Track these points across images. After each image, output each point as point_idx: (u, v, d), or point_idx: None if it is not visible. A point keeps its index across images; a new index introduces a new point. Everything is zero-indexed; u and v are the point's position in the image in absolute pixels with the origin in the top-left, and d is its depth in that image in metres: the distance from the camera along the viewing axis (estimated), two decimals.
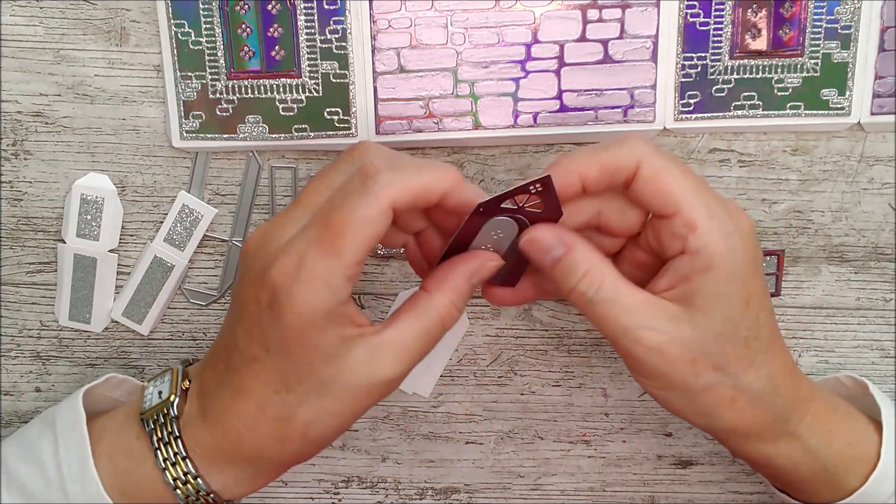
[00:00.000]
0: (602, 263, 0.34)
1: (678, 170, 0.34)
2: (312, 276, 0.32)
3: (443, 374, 0.47)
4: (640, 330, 0.33)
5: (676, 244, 0.34)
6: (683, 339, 0.33)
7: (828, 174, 0.44)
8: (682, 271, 0.34)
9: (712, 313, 0.33)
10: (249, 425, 0.34)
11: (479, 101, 0.42)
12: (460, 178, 0.33)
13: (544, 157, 0.43)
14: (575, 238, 0.35)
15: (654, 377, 0.35)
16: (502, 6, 0.41)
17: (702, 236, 0.33)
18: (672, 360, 0.34)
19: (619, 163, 0.34)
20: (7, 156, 0.43)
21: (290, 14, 0.41)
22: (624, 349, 0.34)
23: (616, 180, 0.34)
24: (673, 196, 0.33)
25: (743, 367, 0.34)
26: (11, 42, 0.42)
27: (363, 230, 0.31)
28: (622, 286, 0.34)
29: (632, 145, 0.34)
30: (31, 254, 0.45)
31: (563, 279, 0.35)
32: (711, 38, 0.41)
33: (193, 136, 0.42)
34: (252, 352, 0.34)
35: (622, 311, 0.34)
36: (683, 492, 0.48)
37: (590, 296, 0.34)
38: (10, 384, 0.47)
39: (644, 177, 0.34)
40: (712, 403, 0.35)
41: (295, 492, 0.48)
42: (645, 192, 0.34)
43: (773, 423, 0.36)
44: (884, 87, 0.41)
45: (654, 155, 0.34)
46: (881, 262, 0.45)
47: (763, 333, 0.35)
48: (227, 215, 0.44)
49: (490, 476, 0.48)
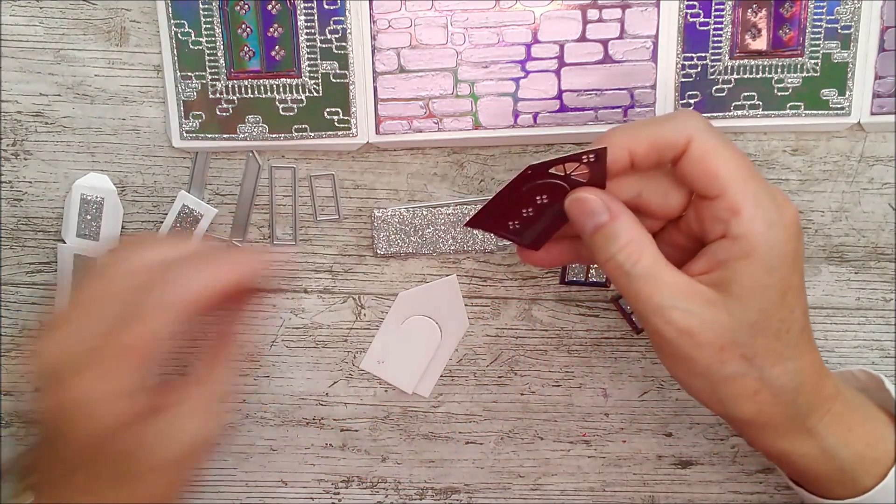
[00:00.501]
0: (644, 237, 0.34)
1: (729, 151, 0.33)
2: (92, 402, 0.33)
3: (443, 374, 0.47)
4: (674, 310, 0.33)
5: (718, 228, 0.33)
6: (715, 325, 0.33)
7: (828, 174, 0.44)
8: (720, 256, 0.33)
9: (748, 303, 0.33)
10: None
11: (479, 101, 0.42)
12: (248, 266, 0.35)
13: (544, 157, 0.43)
14: (621, 206, 0.34)
15: (680, 360, 0.34)
16: (502, 6, 0.41)
17: (745, 222, 0.32)
18: (701, 345, 0.33)
19: (670, 139, 0.33)
20: (7, 156, 0.43)
21: (290, 14, 0.41)
22: (654, 327, 0.34)
23: (665, 157, 0.34)
24: (720, 178, 0.33)
25: (770, 360, 0.34)
26: (11, 42, 0.42)
27: (150, 349, 0.33)
28: (661, 263, 0.33)
29: (685, 121, 0.33)
30: (31, 254, 0.45)
31: (602, 247, 0.34)
32: (711, 38, 0.41)
33: (193, 136, 0.42)
34: (71, 462, 0.34)
35: (658, 289, 0.33)
36: (683, 492, 0.48)
37: (627, 268, 0.33)
38: (10, 384, 0.47)
39: (693, 155, 0.33)
40: (734, 393, 0.34)
41: (295, 492, 0.48)
42: (692, 171, 0.33)
43: (793, 420, 0.35)
44: (884, 87, 0.41)
45: (705, 133, 0.33)
46: (881, 262, 0.45)
47: (795, 328, 0.34)
48: (227, 215, 0.44)
49: (490, 476, 0.48)
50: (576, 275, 0.45)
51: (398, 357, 0.46)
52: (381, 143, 0.42)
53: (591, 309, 0.46)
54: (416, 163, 0.44)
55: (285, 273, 0.40)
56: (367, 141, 0.42)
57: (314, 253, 0.45)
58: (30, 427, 0.36)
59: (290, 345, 0.46)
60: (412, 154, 0.44)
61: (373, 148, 0.43)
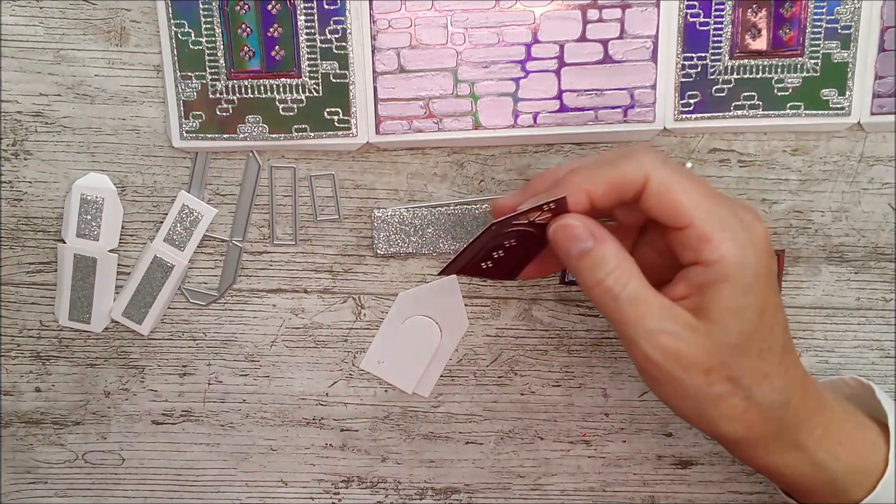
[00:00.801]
0: (630, 262, 0.34)
1: (687, 181, 0.33)
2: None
3: (443, 374, 0.47)
4: (662, 334, 0.33)
5: (690, 255, 0.34)
6: (700, 348, 0.33)
7: (828, 174, 0.44)
8: (696, 281, 0.34)
9: (728, 326, 0.33)
10: None
11: (479, 101, 0.42)
12: None
13: (544, 157, 0.44)
14: (604, 231, 0.35)
15: (667, 383, 0.34)
16: (502, 6, 0.41)
17: (715, 248, 0.33)
18: (688, 367, 0.33)
19: (627, 178, 0.34)
20: (7, 156, 0.43)
21: (290, 14, 0.41)
22: (642, 352, 0.34)
23: (625, 195, 0.34)
24: (683, 210, 0.33)
25: (756, 380, 0.34)
26: (11, 42, 0.42)
27: None
28: (647, 288, 0.34)
29: (639, 159, 0.34)
30: (31, 254, 0.45)
31: (589, 272, 0.34)
32: (711, 38, 0.41)
33: (193, 136, 0.42)
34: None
35: (646, 312, 0.33)
36: (683, 492, 0.48)
37: (615, 292, 0.34)
38: (10, 384, 0.47)
39: (653, 191, 0.33)
40: (722, 413, 0.34)
41: (295, 492, 0.48)
42: (655, 207, 0.34)
43: (782, 435, 0.35)
44: (884, 87, 0.41)
45: (661, 168, 0.33)
46: (881, 262, 0.45)
47: (777, 346, 0.35)
48: (227, 215, 0.44)
49: (490, 476, 0.48)
50: None
51: (398, 357, 0.46)
52: (381, 143, 0.42)
53: (591, 309, 0.46)
54: (416, 163, 0.44)
55: None
56: (367, 141, 0.42)
57: (314, 253, 0.45)
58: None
59: (290, 345, 0.46)
60: (412, 154, 0.44)
61: (373, 148, 0.43)
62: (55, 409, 0.47)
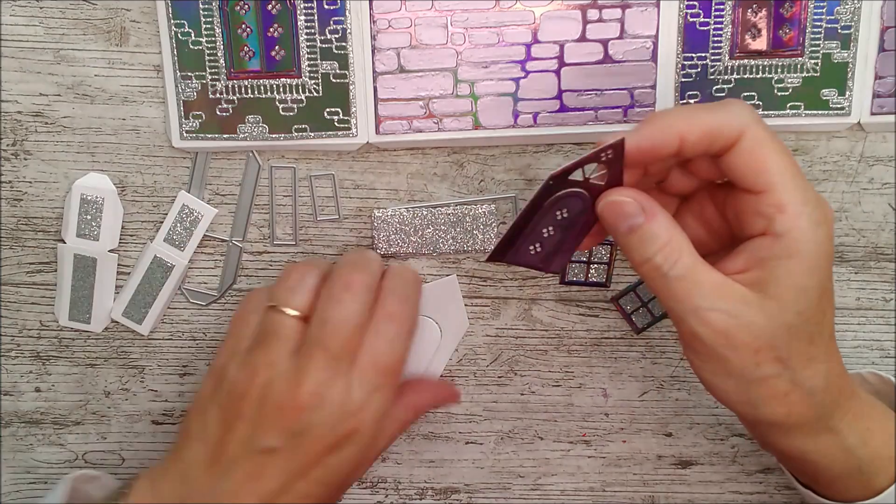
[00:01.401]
0: (681, 237, 0.33)
1: (780, 147, 0.32)
2: (351, 406, 0.37)
3: (443, 374, 0.47)
4: (712, 312, 0.32)
5: (759, 223, 0.32)
6: (752, 327, 0.32)
7: (828, 174, 0.44)
8: (760, 254, 0.32)
9: (787, 304, 0.32)
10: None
11: (479, 101, 0.42)
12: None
13: (544, 157, 0.44)
14: (655, 206, 0.33)
15: (712, 360, 0.34)
16: (502, 6, 0.41)
17: (790, 220, 0.32)
18: (737, 346, 0.33)
19: (724, 128, 0.32)
20: (7, 156, 0.43)
21: (290, 14, 0.41)
22: (690, 328, 0.33)
23: (715, 146, 0.32)
24: (769, 173, 0.32)
25: (803, 363, 0.33)
26: (11, 42, 0.42)
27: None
28: (698, 264, 0.33)
29: (738, 112, 0.32)
30: (31, 254, 0.45)
31: (638, 248, 0.33)
32: (711, 38, 0.41)
33: (193, 136, 0.42)
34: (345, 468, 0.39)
35: (696, 290, 0.32)
36: (683, 492, 0.48)
37: (665, 269, 0.33)
38: (10, 384, 0.47)
39: (744, 147, 0.32)
40: (766, 394, 0.34)
41: None
42: (741, 164, 0.32)
43: (818, 419, 0.35)
44: (884, 87, 0.41)
45: (758, 126, 0.32)
46: (881, 262, 0.45)
47: (826, 331, 0.34)
48: (227, 215, 0.44)
49: (490, 476, 0.48)
50: (576, 275, 0.45)
51: None
52: (381, 143, 0.42)
53: (591, 309, 0.46)
54: (416, 163, 0.44)
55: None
56: (367, 141, 0.42)
57: (314, 253, 0.45)
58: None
59: None
60: (412, 154, 0.44)
61: (373, 148, 0.43)
62: (55, 409, 0.47)
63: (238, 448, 0.36)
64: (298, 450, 0.36)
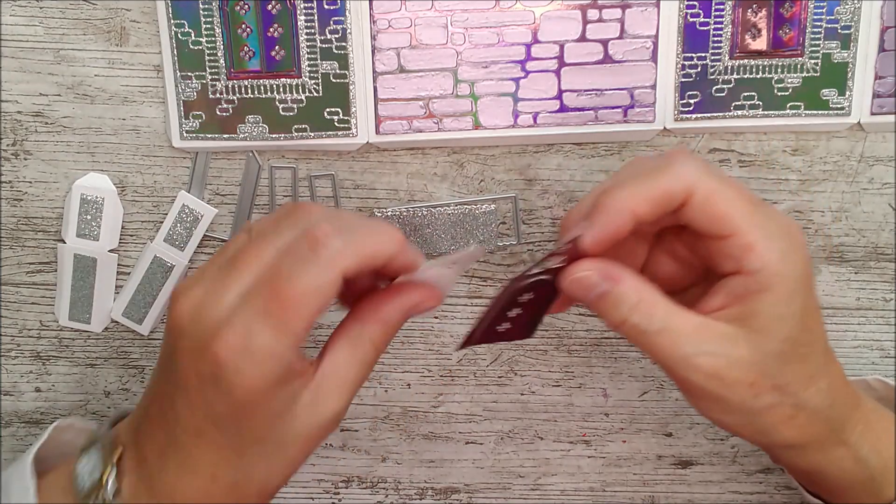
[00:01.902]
0: (651, 292, 0.33)
1: (732, 190, 0.32)
2: (261, 350, 0.30)
3: (442, 374, 0.47)
4: (699, 356, 0.32)
5: (730, 264, 0.33)
6: (741, 362, 0.32)
7: (828, 174, 0.44)
8: (737, 291, 0.33)
9: (771, 334, 0.32)
10: (202, 497, 0.33)
11: (479, 101, 0.42)
12: (404, 242, 0.32)
13: (544, 157, 0.44)
14: (619, 269, 0.33)
15: (711, 401, 0.34)
16: (502, 6, 0.41)
17: (759, 257, 0.32)
18: (731, 384, 0.33)
19: (671, 192, 0.32)
20: (7, 156, 0.43)
21: (290, 14, 0.41)
22: (681, 377, 0.33)
23: (668, 209, 0.33)
24: (728, 219, 0.32)
25: (802, 385, 0.33)
26: (11, 42, 0.42)
27: (313, 301, 0.30)
28: (673, 312, 0.33)
29: (682, 171, 0.32)
30: (31, 254, 0.45)
31: (611, 313, 0.33)
32: (711, 38, 0.41)
33: (193, 136, 0.42)
34: (196, 424, 0.32)
35: (678, 339, 0.32)
36: (683, 492, 0.48)
37: (643, 327, 0.33)
38: (10, 384, 0.47)
39: (697, 203, 0.32)
40: (772, 422, 0.34)
41: (295, 492, 0.48)
42: (697, 217, 0.33)
43: (830, 434, 0.35)
44: (884, 87, 0.41)
45: (706, 178, 0.32)
46: (881, 262, 0.45)
47: (818, 348, 0.34)
48: (227, 215, 0.44)
49: (490, 476, 0.48)
50: None
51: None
52: (381, 143, 0.42)
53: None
54: (416, 163, 0.44)
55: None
56: (367, 141, 0.42)
57: None
58: (148, 384, 0.34)
59: None
60: (412, 154, 0.44)
61: (373, 148, 0.43)
62: (55, 409, 0.47)
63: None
64: (170, 378, 0.32)
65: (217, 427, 0.32)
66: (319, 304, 0.30)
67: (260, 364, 0.30)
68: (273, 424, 0.32)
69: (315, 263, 0.30)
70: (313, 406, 0.32)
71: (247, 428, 0.31)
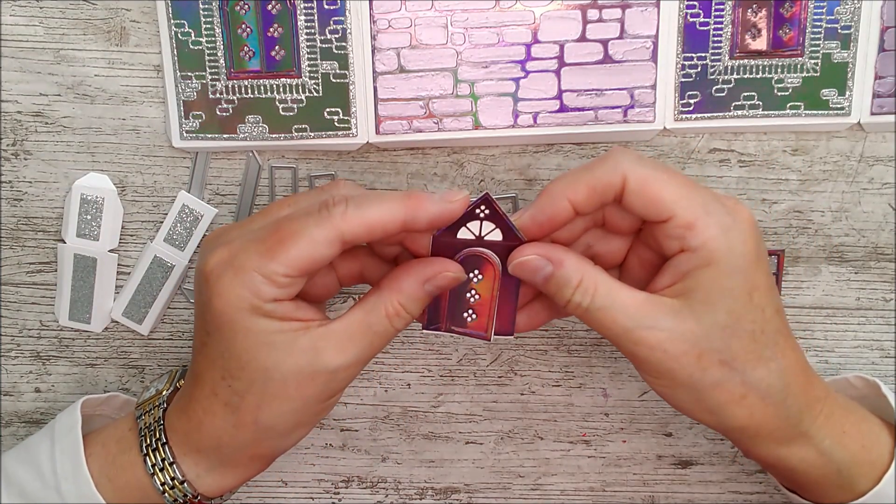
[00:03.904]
0: (593, 270, 0.35)
1: (665, 175, 0.34)
2: (240, 267, 0.33)
3: (442, 374, 0.47)
4: (641, 330, 0.34)
5: (674, 244, 0.34)
6: (686, 334, 0.33)
7: (828, 174, 0.44)
8: (681, 268, 0.34)
9: (714, 306, 0.33)
10: (206, 410, 0.36)
11: (479, 101, 0.42)
12: (417, 202, 0.33)
13: (544, 157, 0.44)
14: (562, 251, 0.35)
15: (660, 375, 0.35)
16: (502, 6, 0.41)
17: (700, 233, 0.33)
18: (677, 357, 0.34)
19: (605, 180, 0.34)
20: (7, 156, 0.43)
21: (290, 14, 0.41)
22: (628, 351, 0.35)
23: (606, 198, 0.34)
24: (665, 202, 0.33)
25: (751, 363, 0.34)
26: (11, 42, 0.42)
27: (305, 247, 0.33)
28: (617, 289, 0.34)
29: (614, 160, 0.34)
30: (31, 254, 0.45)
31: (557, 293, 0.35)
32: (711, 38, 0.41)
33: (193, 136, 0.42)
34: (199, 338, 0.36)
35: (620, 314, 0.34)
36: (683, 492, 0.48)
37: (586, 305, 0.34)
38: (10, 384, 0.47)
39: (632, 190, 0.34)
40: (721, 400, 0.34)
41: (295, 492, 0.48)
42: (636, 204, 0.34)
43: (786, 423, 0.35)
44: (884, 87, 0.41)
45: (637, 165, 0.34)
46: (881, 262, 0.45)
47: (770, 328, 0.34)
48: (227, 215, 0.44)
49: (490, 476, 0.48)
50: None
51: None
52: (381, 143, 0.42)
53: None
54: (416, 163, 0.44)
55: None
56: (367, 141, 0.42)
57: None
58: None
59: None
60: (412, 154, 0.44)
61: (373, 148, 0.43)
62: (55, 409, 0.47)
63: None
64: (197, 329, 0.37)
65: (210, 340, 0.35)
66: (310, 252, 0.33)
67: (237, 278, 0.33)
68: (262, 351, 0.34)
69: (317, 219, 0.33)
70: (311, 352, 0.34)
71: (236, 347, 0.34)
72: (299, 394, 0.35)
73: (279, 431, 0.36)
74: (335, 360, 0.34)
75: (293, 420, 0.36)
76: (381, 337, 0.35)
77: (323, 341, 0.34)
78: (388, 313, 0.35)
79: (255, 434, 0.36)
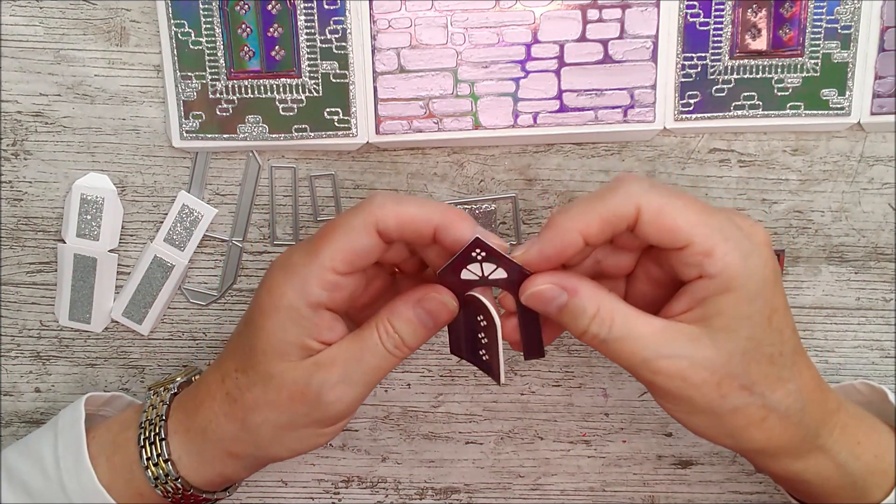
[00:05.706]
0: (610, 300, 0.34)
1: (680, 201, 0.33)
2: (291, 267, 0.35)
3: (442, 374, 0.47)
4: (660, 360, 0.33)
5: (692, 271, 0.33)
6: (705, 362, 0.33)
7: (828, 174, 0.44)
8: (699, 294, 0.33)
9: (735, 333, 0.33)
10: (209, 393, 0.37)
11: (479, 101, 0.42)
12: (455, 217, 0.33)
13: (544, 157, 0.44)
14: (576, 279, 0.34)
15: (678, 402, 0.34)
16: (502, 6, 0.41)
17: (718, 260, 0.32)
18: (696, 385, 0.33)
19: (618, 211, 0.33)
20: (7, 156, 0.43)
21: (290, 14, 0.41)
22: (645, 379, 0.34)
23: (618, 228, 0.33)
24: (681, 230, 0.32)
25: (770, 386, 0.34)
26: (11, 42, 0.42)
27: (343, 236, 0.34)
28: (634, 318, 0.33)
29: (628, 190, 0.33)
30: (31, 254, 0.45)
31: (572, 323, 0.34)
32: (711, 38, 0.41)
33: (193, 136, 0.42)
34: (239, 326, 0.38)
35: (638, 344, 0.33)
36: (683, 492, 0.48)
37: (603, 335, 0.33)
38: (10, 384, 0.47)
39: (647, 219, 0.32)
40: (741, 424, 0.34)
41: (295, 492, 0.48)
42: (651, 233, 0.33)
43: (804, 440, 0.35)
44: (884, 87, 0.41)
45: (651, 194, 0.33)
46: (881, 262, 0.45)
47: (787, 349, 0.34)
48: (227, 215, 0.44)
49: (490, 476, 0.48)
50: None
51: None
52: (381, 143, 0.42)
53: None
54: (416, 163, 0.44)
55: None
56: (367, 141, 0.42)
57: None
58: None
59: None
60: (412, 154, 0.44)
61: (373, 148, 0.43)
62: (55, 409, 0.47)
63: None
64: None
65: (244, 328, 0.37)
66: (349, 241, 0.34)
67: (289, 278, 0.35)
68: (272, 355, 0.35)
69: (354, 211, 0.34)
70: (310, 368, 0.35)
71: (254, 339, 0.35)
72: (288, 408, 0.35)
73: (260, 437, 0.36)
74: (324, 377, 0.35)
75: (275, 432, 0.36)
76: (373, 355, 0.35)
77: (320, 358, 0.35)
78: (378, 331, 0.35)
79: (239, 431, 0.36)
